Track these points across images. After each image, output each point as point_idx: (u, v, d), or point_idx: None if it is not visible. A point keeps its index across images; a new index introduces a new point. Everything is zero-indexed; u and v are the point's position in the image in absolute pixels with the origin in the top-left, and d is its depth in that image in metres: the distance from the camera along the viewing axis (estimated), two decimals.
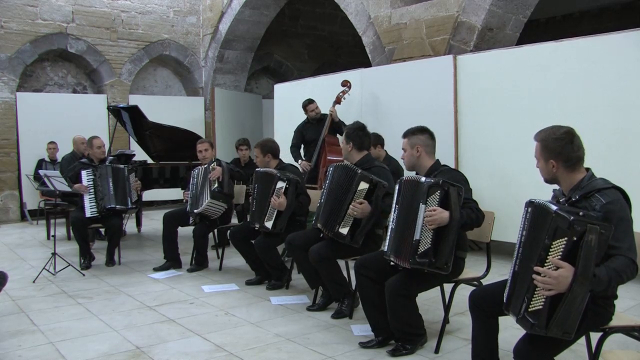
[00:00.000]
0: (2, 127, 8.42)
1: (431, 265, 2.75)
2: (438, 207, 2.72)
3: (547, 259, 2.02)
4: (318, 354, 3.07)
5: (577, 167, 2.25)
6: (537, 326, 2.03)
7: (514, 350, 2.21)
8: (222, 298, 4.21)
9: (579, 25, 10.22)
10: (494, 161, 5.33)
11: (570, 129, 2.27)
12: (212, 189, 4.87)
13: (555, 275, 1.98)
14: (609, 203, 2.09)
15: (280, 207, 4.15)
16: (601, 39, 4.64)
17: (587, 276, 1.96)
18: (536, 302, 2.05)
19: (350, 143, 3.67)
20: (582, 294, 1.98)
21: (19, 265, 5.42)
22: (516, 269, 2.18)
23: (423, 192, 2.77)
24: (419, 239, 2.76)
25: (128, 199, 5.33)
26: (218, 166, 4.95)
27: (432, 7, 6.36)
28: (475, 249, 5.54)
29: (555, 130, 2.28)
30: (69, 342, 3.27)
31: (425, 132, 3.09)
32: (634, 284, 4.11)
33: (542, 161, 2.31)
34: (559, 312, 1.99)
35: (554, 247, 2.01)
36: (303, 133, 6.30)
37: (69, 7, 8.90)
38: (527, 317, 2.06)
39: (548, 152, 2.27)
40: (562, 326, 2.00)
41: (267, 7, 9.43)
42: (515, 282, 2.18)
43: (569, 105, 4.75)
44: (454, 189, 2.75)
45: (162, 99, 10.03)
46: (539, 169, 2.36)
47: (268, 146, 4.57)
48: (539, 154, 2.32)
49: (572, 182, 2.25)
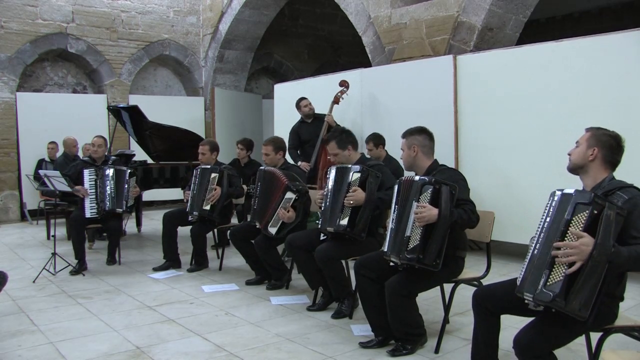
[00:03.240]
0: (2, 127, 8.42)
1: (419, 261, 2.77)
2: (428, 204, 2.77)
3: (568, 233, 2.08)
4: (318, 354, 3.07)
5: (610, 167, 2.33)
6: (557, 297, 2.03)
7: (514, 339, 2.21)
8: (222, 298, 4.21)
9: (579, 25, 10.23)
10: (494, 161, 5.32)
11: (620, 135, 2.38)
12: (204, 208, 4.88)
13: (577, 245, 2.02)
14: (632, 198, 2.16)
15: (288, 220, 4.15)
16: (601, 39, 4.64)
17: (606, 246, 2.01)
18: (556, 276, 2.07)
19: (349, 147, 3.70)
20: (601, 265, 2.03)
21: (19, 265, 5.42)
22: (535, 252, 2.18)
23: (416, 190, 2.85)
24: (409, 236, 2.82)
25: (123, 202, 5.25)
26: (219, 185, 4.92)
27: (432, 7, 6.36)
28: (475, 249, 5.54)
29: (609, 130, 2.38)
30: (69, 342, 3.27)
31: (423, 133, 3.13)
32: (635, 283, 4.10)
33: (583, 146, 2.33)
34: (579, 282, 2.02)
35: (575, 221, 2.08)
36: (299, 133, 6.31)
37: (69, 7, 8.91)
38: (545, 290, 2.07)
39: (596, 141, 2.32)
40: (580, 300, 2.02)
41: (267, 7, 9.43)
42: (532, 263, 2.18)
43: (569, 105, 4.75)
44: (447, 187, 2.79)
45: (162, 99, 10.03)
46: (571, 154, 2.38)
47: (281, 145, 4.56)
48: (585, 140, 2.34)
49: (596, 179, 2.31)
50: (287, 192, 4.15)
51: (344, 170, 3.59)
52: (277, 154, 4.51)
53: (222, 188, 4.93)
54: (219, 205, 4.94)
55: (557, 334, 2.15)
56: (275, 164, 4.50)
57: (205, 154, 5.18)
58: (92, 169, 5.25)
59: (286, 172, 4.33)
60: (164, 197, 9.10)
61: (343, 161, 3.71)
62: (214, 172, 4.95)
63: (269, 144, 4.53)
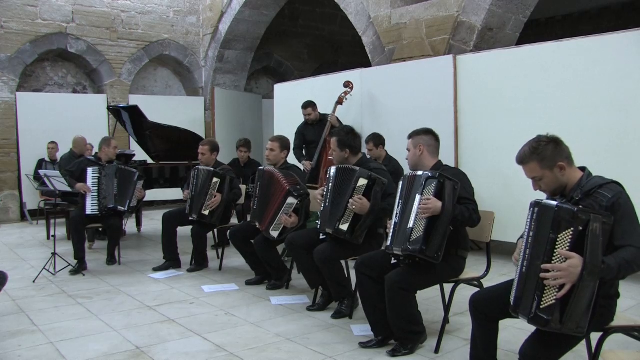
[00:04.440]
0: (2, 127, 8.42)
1: (422, 252, 2.78)
2: (432, 197, 2.80)
3: (555, 252, 2.02)
4: (318, 354, 3.07)
5: (574, 165, 2.28)
6: (552, 322, 2.00)
7: (520, 352, 2.19)
8: (222, 298, 4.21)
9: (579, 25, 10.23)
10: (494, 161, 5.32)
11: (540, 136, 2.29)
12: (203, 213, 4.86)
13: (565, 267, 1.98)
14: (615, 196, 2.11)
15: (292, 226, 4.14)
16: (601, 39, 4.64)
17: (596, 264, 1.97)
18: (548, 299, 2.03)
19: (347, 150, 3.66)
20: (593, 284, 1.99)
21: (19, 265, 5.42)
22: (524, 270, 2.14)
23: (420, 183, 2.89)
24: (412, 227, 2.84)
25: (127, 202, 5.25)
26: (220, 192, 4.89)
27: (432, 7, 6.36)
28: (475, 249, 5.54)
29: (535, 142, 2.29)
30: (69, 342, 3.27)
31: (429, 133, 3.21)
32: (634, 283, 4.11)
33: (547, 173, 2.25)
34: (572, 304, 1.99)
35: (560, 240, 2.02)
36: (304, 134, 6.33)
37: (69, 7, 8.90)
38: (540, 314, 2.03)
39: (551, 159, 2.23)
40: (575, 320, 1.99)
41: (267, 7, 9.43)
42: (523, 283, 2.14)
43: (569, 105, 4.75)
44: (450, 182, 2.85)
45: (162, 99, 10.03)
46: (542, 188, 2.31)
47: (287, 144, 4.55)
48: (540, 170, 2.26)
49: (573, 182, 2.25)
50: (288, 198, 4.12)
51: (349, 172, 3.53)
52: (282, 152, 4.50)
53: (222, 194, 4.91)
54: (218, 211, 4.93)
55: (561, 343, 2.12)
56: (277, 162, 4.49)
57: (205, 154, 5.17)
58: (96, 167, 5.25)
59: (285, 173, 4.32)
60: (164, 197, 9.09)
61: (340, 160, 3.68)
62: (216, 176, 4.89)
63: (276, 140, 4.52)
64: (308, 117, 6.21)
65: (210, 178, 4.90)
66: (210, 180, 4.89)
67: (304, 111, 6.22)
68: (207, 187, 4.89)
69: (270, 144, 4.52)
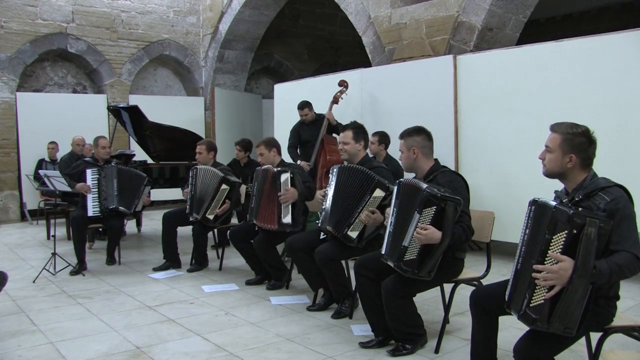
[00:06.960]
0: (2, 127, 8.42)
1: (413, 274, 2.77)
2: (431, 224, 2.69)
3: (548, 254, 2.03)
4: (318, 354, 3.07)
5: (589, 167, 2.24)
6: (539, 321, 2.03)
7: (514, 349, 2.21)
8: (222, 298, 4.21)
9: (579, 25, 10.22)
10: (494, 161, 5.32)
11: (588, 128, 2.24)
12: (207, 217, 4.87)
13: (556, 269, 2.00)
14: (614, 200, 2.09)
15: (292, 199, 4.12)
16: (601, 39, 4.65)
17: (587, 268, 1.97)
18: (537, 298, 2.06)
19: (362, 142, 3.65)
20: (582, 287, 1.99)
21: (19, 265, 5.42)
22: (518, 267, 2.17)
23: (421, 201, 2.73)
24: (407, 246, 2.76)
25: (133, 205, 5.26)
26: (228, 199, 4.89)
27: (432, 7, 6.36)
28: (475, 249, 5.54)
29: (576, 126, 2.23)
30: (69, 342, 3.27)
31: (421, 133, 3.06)
32: (634, 283, 4.11)
33: (558, 153, 2.22)
34: (560, 305, 2.00)
35: (554, 241, 2.03)
36: (300, 133, 6.31)
37: (69, 7, 8.90)
38: (528, 312, 2.07)
39: (571, 147, 2.20)
40: (564, 321, 2.01)
41: (267, 7, 9.43)
42: (517, 280, 2.17)
43: (569, 105, 4.74)
44: (452, 204, 2.68)
45: (162, 99, 10.03)
46: (544, 159, 2.29)
47: (272, 142, 4.54)
48: (558, 146, 2.22)
49: (576, 181, 2.24)
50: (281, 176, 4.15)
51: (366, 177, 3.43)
52: (270, 151, 4.45)
53: (231, 201, 4.92)
54: (223, 217, 4.95)
55: (555, 341, 2.13)
56: (272, 163, 4.48)
57: (202, 153, 5.17)
58: (95, 168, 5.23)
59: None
60: (164, 197, 9.09)
61: (352, 153, 3.61)
62: (225, 183, 4.84)
63: (260, 144, 4.51)
64: (305, 117, 6.21)
65: (219, 183, 4.86)
66: (219, 185, 4.86)
67: (301, 112, 6.21)
68: (214, 190, 4.86)
69: (257, 150, 4.53)
